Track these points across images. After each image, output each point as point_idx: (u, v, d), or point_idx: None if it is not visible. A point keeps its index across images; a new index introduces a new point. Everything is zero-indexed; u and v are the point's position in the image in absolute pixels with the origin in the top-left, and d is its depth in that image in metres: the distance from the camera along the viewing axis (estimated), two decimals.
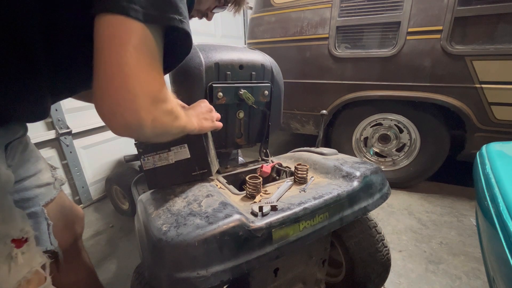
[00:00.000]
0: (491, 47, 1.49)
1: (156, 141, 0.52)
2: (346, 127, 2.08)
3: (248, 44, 2.36)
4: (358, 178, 0.80)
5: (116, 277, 1.27)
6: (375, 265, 0.94)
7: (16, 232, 0.50)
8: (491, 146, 0.99)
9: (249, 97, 0.90)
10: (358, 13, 1.78)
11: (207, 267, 0.54)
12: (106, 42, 0.38)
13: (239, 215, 0.60)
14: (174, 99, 0.51)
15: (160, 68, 0.45)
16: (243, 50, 0.96)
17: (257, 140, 1.07)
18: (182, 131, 0.57)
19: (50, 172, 0.73)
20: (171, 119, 0.50)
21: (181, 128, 0.55)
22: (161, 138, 0.52)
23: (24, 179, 0.65)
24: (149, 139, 0.49)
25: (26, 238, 0.51)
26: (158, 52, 0.43)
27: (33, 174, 0.67)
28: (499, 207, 0.67)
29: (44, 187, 0.69)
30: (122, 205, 1.79)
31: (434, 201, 1.87)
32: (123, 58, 0.38)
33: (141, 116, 0.41)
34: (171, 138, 0.56)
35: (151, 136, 0.47)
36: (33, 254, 0.53)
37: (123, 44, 0.38)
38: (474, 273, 1.23)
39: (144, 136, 0.45)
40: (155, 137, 0.49)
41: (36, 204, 0.66)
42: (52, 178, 0.73)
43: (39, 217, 0.66)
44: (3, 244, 0.47)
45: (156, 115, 0.44)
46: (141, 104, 0.40)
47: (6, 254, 0.48)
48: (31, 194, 0.65)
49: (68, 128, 1.70)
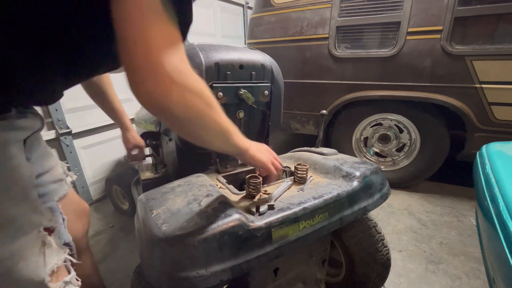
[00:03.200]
0: (491, 47, 1.49)
1: (195, 134, 0.49)
2: (346, 127, 2.08)
3: (248, 44, 2.36)
4: (358, 178, 0.80)
5: (116, 277, 1.27)
6: (375, 265, 0.94)
7: (46, 221, 0.52)
8: (491, 146, 0.99)
9: (249, 97, 0.90)
10: (358, 13, 1.78)
11: (207, 266, 0.54)
12: (128, 12, 0.37)
13: (238, 215, 0.60)
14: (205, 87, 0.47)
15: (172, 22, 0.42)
16: (243, 50, 0.96)
17: (257, 140, 1.07)
18: (224, 135, 0.53)
19: (62, 168, 0.75)
20: (203, 103, 0.46)
21: (220, 126, 0.51)
22: (199, 129, 0.48)
23: (41, 175, 0.66)
24: (182, 124, 0.46)
25: (53, 228, 0.53)
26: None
27: (48, 170, 0.69)
28: (499, 207, 0.67)
29: (58, 182, 0.71)
30: (122, 205, 1.79)
31: (434, 201, 1.87)
32: (146, 30, 0.38)
33: (166, 93, 0.40)
34: (215, 140, 0.52)
35: (181, 115, 0.44)
36: (59, 244, 0.56)
37: (147, 16, 0.37)
38: (474, 273, 1.23)
39: (173, 112, 0.43)
40: (189, 123, 0.46)
41: (51, 200, 0.68)
42: (64, 174, 0.74)
43: (55, 212, 0.68)
44: (38, 232, 0.50)
45: (181, 92, 0.41)
46: (163, 79, 0.39)
47: (41, 241, 0.50)
48: (46, 190, 0.67)
49: (68, 128, 1.70)
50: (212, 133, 0.51)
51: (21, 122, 0.50)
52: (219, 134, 0.52)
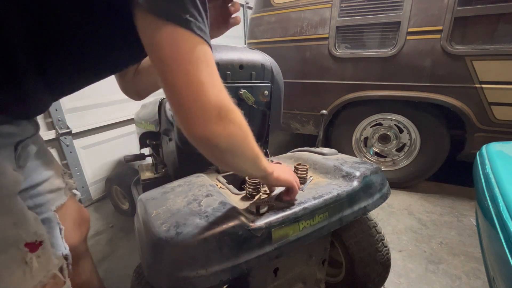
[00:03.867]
0: (491, 47, 1.49)
1: (232, 162, 0.50)
2: (346, 127, 2.08)
3: (248, 44, 2.36)
4: (358, 178, 0.80)
5: (116, 277, 1.27)
6: (375, 265, 0.94)
7: (29, 235, 0.48)
8: (491, 146, 0.99)
9: (249, 97, 0.90)
10: (358, 13, 1.77)
11: (207, 266, 0.54)
12: (173, 58, 0.39)
13: (238, 215, 0.60)
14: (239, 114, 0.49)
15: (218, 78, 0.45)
16: (243, 50, 0.96)
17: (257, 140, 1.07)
18: (255, 161, 0.54)
19: (61, 177, 0.73)
20: (243, 133, 0.48)
21: (253, 153, 0.52)
22: (236, 158, 0.49)
23: (38, 184, 0.64)
24: (224, 155, 0.47)
25: (40, 241, 0.50)
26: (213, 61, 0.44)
27: (47, 179, 0.67)
28: (499, 207, 0.67)
29: (56, 192, 0.69)
30: (122, 205, 1.79)
31: (434, 201, 1.87)
32: (194, 75, 0.40)
33: (212, 128, 0.43)
34: (247, 165, 0.53)
35: (225, 148, 0.46)
36: (49, 256, 0.52)
37: (192, 62, 0.40)
38: (474, 273, 1.23)
39: (217, 148, 0.45)
40: (230, 152, 0.47)
41: (48, 210, 0.66)
42: (63, 183, 0.72)
43: (52, 222, 0.66)
44: (16, 249, 0.46)
45: (226, 125, 0.44)
46: (211, 116, 0.42)
47: (20, 259, 0.46)
48: (43, 200, 0.65)
49: (68, 128, 1.70)
50: (247, 160, 0.53)
51: (4, 128, 0.48)
52: (252, 161, 0.54)
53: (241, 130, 0.47)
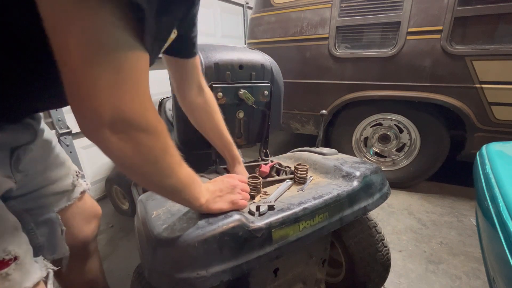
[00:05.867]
0: (491, 47, 1.49)
1: (143, 183, 0.45)
2: (346, 127, 2.07)
3: (248, 44, 2.36)
4: (358, 178, 0.80)
5: (116, 277, 1.27)
6: (375, 265, 0.94)
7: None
8: (491, 146, 0.99)
9: (249, 97, 0.90)
10: (358, 13, 1.77)
11: (207, 267, 0.54)
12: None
13: (239, 215, 0.60)
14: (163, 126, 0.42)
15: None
16: (243, 50, 0.96)
17: (257, 140, 1.08)
18: (173, 191, 0.48)
19: (71, 179, 0.72)
20: (142, 157, 0.40)
21: (168, 182, 0.46)
22: (144, 181, 0.45)
23: (43, 187, 0.64)
24: (124, 170, 0.42)
25: (10, 259, 0.45)
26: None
27: (55, 181, 0.67)
28: (499, 207, 0.67)
29: (61, 194, 0.69)
30: (122, 205, 1.79)
31: (434, 201, 1.87)
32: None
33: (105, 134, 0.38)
34: (162, 193, 0.49)
35: (120, 164, 0.41)
36: (26, 272, 0.48)
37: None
38: (474, 273, 1.23)
39: (112, 157, 0.40)
40: (129, 172, 0.42)
41: (50, 211, 0.66)
42: (72, 185, 0.72)
43: (54, 223, 0.66)
44: None
45: (122, 140, 0.39)
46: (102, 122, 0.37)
47: None
48: (46, 202, 0.65)
49: (68, 128, 1.70)
50: (160, 189, 0.48)
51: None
52: (169, 190, 0.49)
53: (143, 154, 0.40)
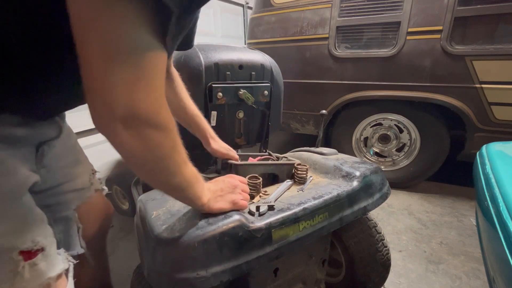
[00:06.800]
0: (491, 47, 1.49)
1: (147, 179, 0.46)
2: (346, 127, 2.07)
3: (248, 44, 2.36)
4: (358, 178, 0.80)
5: (116, 277, 1.26)
6: (375, 265, 0.94)
7: (24, 243, 0.46)
8: (491, 146, 0.99)
9: (249, 97, 0.90)
10: (358, 13, 1.77)
11: (207, 267, 0.54)
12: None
13: (238, 216, 0.60)
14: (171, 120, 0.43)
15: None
16: (243, 50, 0.96)
17: (257, 140, 1.08)
18: (176, 189, 0.49)
19: (88, 176, 0.74)
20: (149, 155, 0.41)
21: (174, 180, 0.46)
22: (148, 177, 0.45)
23: (62, 184, 0.65)
24: (130, 165, 0.42)
25: (37, 249, 0.47)
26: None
27: (73, 179, 0.68)
28: (499, 207, 0.67)
29: (79, 191, 0.70)
30: (122, 205, 1.79)
31: (434, 201, 1.87)
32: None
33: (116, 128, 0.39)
34: (166, 190, 0.50)
35: (128, 158, 0.42)
36: (51, 263, 0.50)
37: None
38: (474, 273, 1.23)
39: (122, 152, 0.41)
40: (136, 167, 0.43)
41: (68, 209, 0.67)
42: (89, 183, 0.73)
43: (70, 221, 0.67)
44: (8, 258, 0.44)
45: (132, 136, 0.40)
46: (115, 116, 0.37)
47: (10, 269, 0.44)
48: (65, 199, 0.66)
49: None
50: (164, 185, 0.49)
51: (18, 130, 0.47)
52: (172, 188, 0.49)
53: (151, 150, 0.41)
